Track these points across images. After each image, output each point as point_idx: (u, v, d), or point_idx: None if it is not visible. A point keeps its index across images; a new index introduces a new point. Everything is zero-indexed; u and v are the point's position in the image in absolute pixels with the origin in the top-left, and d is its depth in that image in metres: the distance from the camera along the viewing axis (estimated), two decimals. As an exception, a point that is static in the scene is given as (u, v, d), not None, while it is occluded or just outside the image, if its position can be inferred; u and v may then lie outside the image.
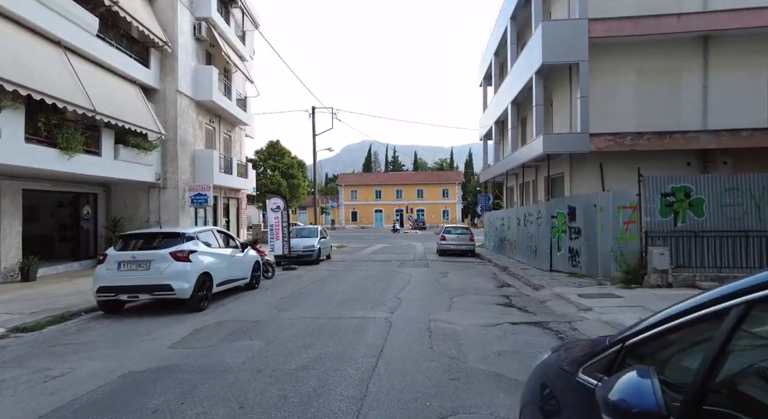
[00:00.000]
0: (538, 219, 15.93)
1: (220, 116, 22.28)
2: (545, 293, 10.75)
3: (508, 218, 20.89)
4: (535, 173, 20.81)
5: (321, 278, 14.07)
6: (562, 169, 16.98)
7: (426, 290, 11.31)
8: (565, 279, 12.70)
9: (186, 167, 18.35)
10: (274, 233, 16.99)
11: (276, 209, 17.00)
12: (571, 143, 15.04)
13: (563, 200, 14.41)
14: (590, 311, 8.34)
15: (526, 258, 17.54)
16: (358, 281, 13.04)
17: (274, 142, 34.38)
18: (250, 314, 8.56)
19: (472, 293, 11.03)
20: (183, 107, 18.10)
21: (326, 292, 11.13)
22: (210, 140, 21.35)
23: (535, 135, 16.32)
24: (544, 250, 15.39)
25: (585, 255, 13.23)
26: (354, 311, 8.53)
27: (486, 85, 30.14)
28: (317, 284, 12.56)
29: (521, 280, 13.37)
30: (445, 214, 75.28)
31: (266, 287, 12.15)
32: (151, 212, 17.54)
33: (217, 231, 10.61)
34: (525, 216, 17.77)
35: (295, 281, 13.33)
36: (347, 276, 14.36)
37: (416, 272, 15.34)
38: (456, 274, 15.03)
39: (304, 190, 35.41)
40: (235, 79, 24.58)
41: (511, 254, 20.22)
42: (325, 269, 16.64)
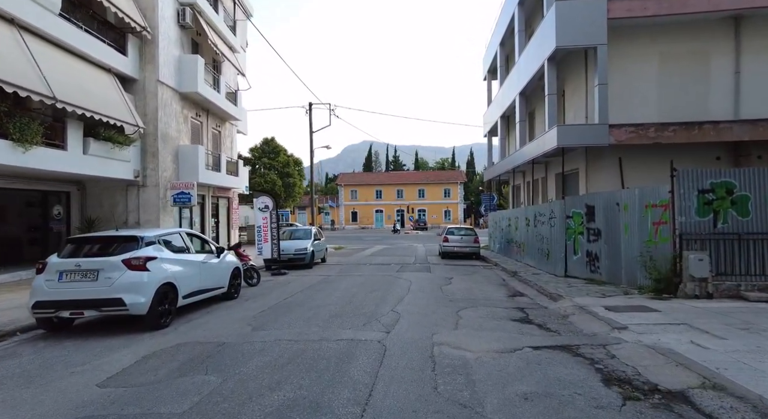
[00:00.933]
0: (551, 219, 14.52)
1: (208, 110, 20.92)
2: (565, 304, 9.34)
3: (516, 219, 19.48)
4: (545, 169, 19.39)
5: (311, 285, 12.68)
6: (577, 165, 15.57)
7: (428, 301, 9.91)
8: (585, 287, 11.29)
9: (168, 164, 16.98)
10: (261, 235, 15.60)
11: (264, 208, 15.61)
12: (588, 135, 13.63)
13: (580, 198, 13.01)
14: (625, 330, 6.93)
15: (537, 262, 16.12)
16: (351, 290, 11.64)
17: (269, 139, 32.99)
18: (219, 333, 7.17)
19: (481, 304, 9.62)
20: (165, 99, 16.73)
21: (314, 303, 9.73)
22: (196, 134, 19.98)
23: (548, 127, 14.90)
24: (557, 253, 13.98)
25: (606, 260, 11.82)
26: (342, 331, 7.13)
27: (491, 79, 28.75)
28: (305, 294, 11.16)
29: (534, 288, 11.96)
30: (447, 214, 73.85)
31: (247, 297, 10.76)
32: (130, 211, 16.17)
33: (187, 234, 9.22)
34: (535, 216, 16.35)
35: (281, 290, 11.94)
36: (340, 283, 12.96)
37: (417, 278, 13.94)
38: (461, 280, 13.63)
39: (301, 189, 33.99)
40: (225, 72, 23.23)
41: (519, 256, 18.81)
42: (317, 275, 15.24)
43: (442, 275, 14.98)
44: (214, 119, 21.87)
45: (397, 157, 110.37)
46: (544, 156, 16.64)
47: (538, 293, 11.32)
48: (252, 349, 6.20)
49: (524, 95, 19.21)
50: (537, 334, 6.99)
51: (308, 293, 11.28)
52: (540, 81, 18.12)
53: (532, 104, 20.65)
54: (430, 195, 74.83)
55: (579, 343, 6.39)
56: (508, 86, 21.51)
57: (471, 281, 13.37)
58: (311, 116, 33.45)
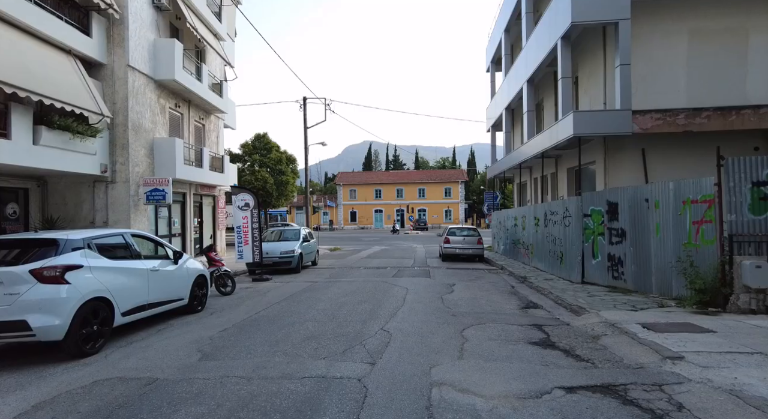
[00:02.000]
0: (565, 218, 12.91)
1: (189, 101, 19.33)
2: (591, 320, 7.74)
3: (523, 218, 17.87)
4: (555, 164, 17.78)
5: (293, 294, 11.08)
6: (593, 157, 13.96)
7: (426, 316, 8.31)
8: (608, 297, 9.69)
9: (141, 158, 15.40)
10: (241, 236, 14.00)
11: (244, 206, 14.01)
12: (608, 123, 12.02)
13: (600, 194, 11.41)
14: (682, 361, 5.33)
15: (548, 266, 14.52)
16: (338, 300, 10.04)
17: (261, 135, 31.40)
18: (156, 363, 5.58)
19: (489, 319, 8.02)
20: (137, 86, 15.15)
21: (289, 319, 8.13)
22: (176, 127, 18.40)
23: (561, 115, 13.29)
24: (573, 257, 12.38)
25: (632, 265, 10.22)
26: (313, 362, 5.53)
27: (494, 70, 27.13)
28: (283, 305, 9.57)
29: (550, 297, 10.36)
30: (448, 214, 72.24)
31: (214, 310, 9.17)
32: (97, 210, 14.59)
33: (133, 235, 7.62)
34: (546, 215, 14.74)
35: (256, 300, 10.34)
36: (327, 292, 11.37)
37: (415, 285, 12.34)
38: (465, 287, 12.03)
39: (294, 188, 32.36)
40: (210, 61, 21.66)
41: (527, 259, 17.21)
42: (304, 281, 13.65)
43: (443, 280, 13.38)
44: (197, 110, 20.28)
45: (397, 156, 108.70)
46: (555, 149, 15.03)
47: (555, 304, 9.71)
48: (187, 391, 4.60)
49: (532, 83, 17.60)
50: (566, 366, 5.39)
51: (287, 304, 9.68)
52: (549, 67, 16.53)
53: (540, 94, 19.05)
54: (431, 195, 73.20)
55: (626, 382, 4.79)
56: (514, 75, 19.91)
57: (476, 289, 11.76)
58: (306, 111, 31.99)
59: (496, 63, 26.39)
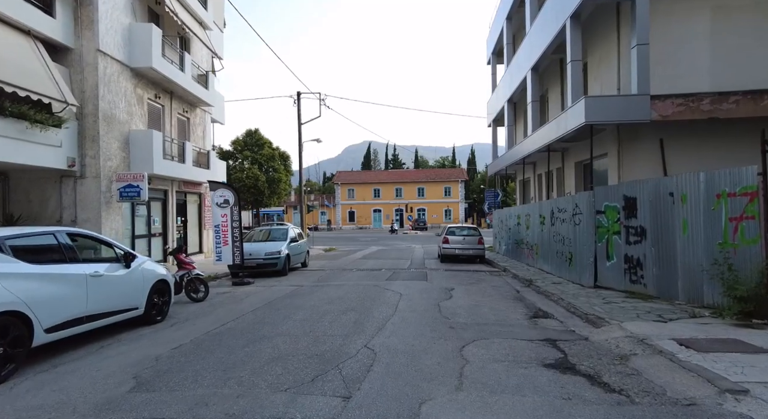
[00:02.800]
0: (575, 216, 11.72)
1: (171, 93, 18.14)
2: (614, 334, 6.55)
3: (527, 216, 16.68)
4: (561, 158, 16.59)
5: (272, 301, 9.89)
6: (604, 149, 12.77)
7: (420, 328, 7.12)
8: (628, 304, 8.50)
9: (115, 151, 14.21)
10: (220, 236, 12.82)
11: (223, 203, 12.82)
12: (624, 109, 10.82)
13: (616, 188, 10.21)
14: (747, 396, 4.14)
15: (555, 267, 13.34)
16: (320, 309, 8.85)
17: (253, 130, 30.21)
18: (69, 400, 4.38)
19: (494, 332, 6.83)
20: (110, 74, 13.96)
21: (258, 333, 6.94)
22: (156, 119, 17.20)
23: (571, 101, 12.09)
24: (584, 258, 11.20)
25: (653, 267, 9.03)
26: (269, 397, 4.33)
27: (495, 62, 25.95)
28: (257, 315, 8.38)
29: (561, 304, 9.16)
30: (448, 213, 71.08)
31: (177, 320, 7.99)
32: (65, 208, 13.40)
33: (71, 234, 6.43)
34: (553, 212, 13.55)
35: (229, 308, 9.15)
36: (311, 298, 10.18)
37: (410, 290, 11.15)
38: (464, 292, 10.84)
39: (287, 186, 31.16)
40: (196, 52, 20.47)
41: (531, 260, 16.02)
42: (288, 285, 12.46)
43: (440, 284, 12.19)
44: (181, 103, 19.09)
45: (396, 156, 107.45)
46: (562, 141, 13.85)
47: (568, 312, 8.52)
48: (89, 445, 3.42)
49: (537, 72, 16.41)
50: (594, 400, 4.20)
51: (262, 313, 8.49)
52: (555, 54, 15.35)
53: (545, 84, 17.86)
54: (430, 194, 72.04)
55: (679, 428, 3.60)
56: (517, 65, 18.73)
57: (477, 294, 10.57)
58: (299, 107, 30.85)
59: (497, 54, 25.22)
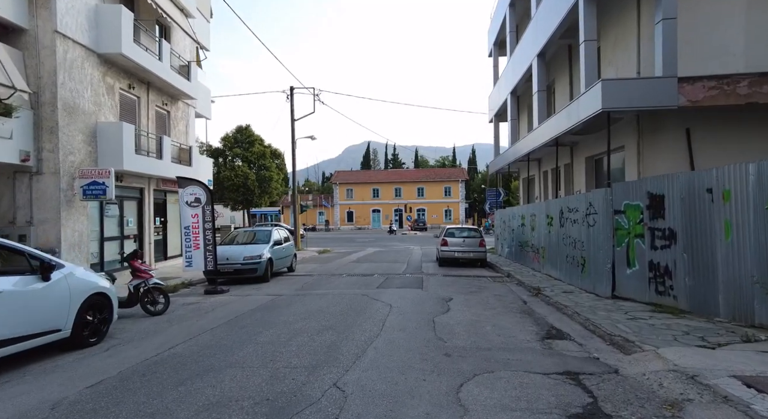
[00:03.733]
0: (589, 216, 10.37)
1: (149, 83, 16.80)
2: (652, 365, 5.19)
3: (532, 216, 15.33)
4: (570, 153, 15.24)
5: (239, 315, 8.53)
6: (621, 141, 11.41)
7: (408, 356, 5.76)
8: (657, 320, 7.14)
9: (78, 145, 12.87)
10: (191, 238, 11.46)
11: (194, 202, 11.46)
12: (646, 94, 9.46)
13: (638, 184, 8.84)
14: None
15: (565, 274, 11.98)
16: (293, 326, 7.50)
17: (244, 127, 28.87)
18: None
19: (499, 361, 5.47)
20: (72, 59, 12.63)
21: (206, 362, 5.59)
22: (130, 111, 15.86)
23: (585, 86, 10.73)
24: (599, 264, 9.85)
25: (686, 277, 7.66)
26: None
27: (497, 54, 24.58)
28: (214, 335, 7.02)
29: (576, 320, 7.80)
30: (448, 214, 69.72)
31: (116, 342, 6.63)
32: (19, 208, 12.06)
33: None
34: (562, 212, 12.20)
35: (187, 324, 7.80)
36: (285, 311, 8.82)
37: (402, 300, 9.80)
38: (464, 303, 9.47)
39: (278, 184, 29.81)
40: (178, 41, 19.15)
41: (537, 265, 14.66)
42: (266, 294, 11.11)
43: (437, 293, 10.83)
44: (159, 95, 17.74)
45: (396, 155, 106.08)
46: (571, 134, 12.51)
47: (586, 330, 7.16)
48: None
49: (543, 59, 15.05)
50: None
51: (221, 332, 7.14)
52: (563, 39, 14.00)
53: (552, 73, 16.50)
54: (430, 194, 70.69)
55: None
56: (521, 54, 17.37)
57: (478, 306, 9.20)
58: (292, 102, 29.69)
59: (499, 45, 23.86)
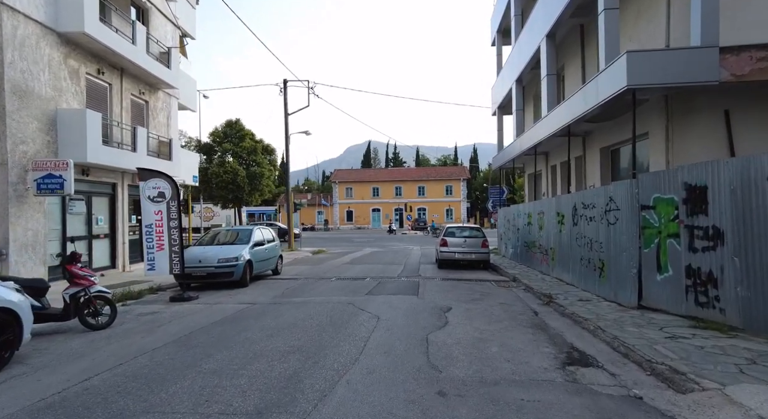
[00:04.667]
0: (609, 213, 8.95)
1: (122, 69, 15.42)
2: (727, 415, 3.77)
3: (540, 214, 13.91)
4: (582, 144, 13.81)
5: (195, 331, 7.13)
6: (645, 127, 9.97)
7: (390, 396, 4.35)
8: (704, 340, 5.74)
9: (32, 133, 11.51)
10: (153, 238, 10.09)
11: (157, 197, 10.08)
12: (681, 68, 8.03)
13: (672, 174, 7.41)
14: None
15: (579, 278, 10.57)
16: (253, 348, 6.09)
17: (234, 121, 27.48)
18: None
19: (511, 404, 4.07)
20: (24, 36, 11.26)
21: (118, 406, 4.20)
22: (99, 99, 14.49)
23: (605, 61, 9.28)
24: (622, 268, 8.44)
25: (738, 286, 6.23)
26: None
27: (501, 43, 23.14)
28: (153, 359, 5.62)
29: (600, 337, 6.38)
30: (449, 213, 68.27)
31: (21, 371, 5.24)
32: (-39, 204, 10.71)
33: None
34: (575, 209, 10.79)
35: (126, 343, 6.41)
36: (252, 325, 7.42)
37: (392, 310, 8.39)
38: (465, 315, 8.06)
39: (270, 181, 28.40)
40: (158, 26, 17.78)
41: (546, 267, 13.25)
42: (237, 302, 9.71)
43: (434, 301, 9.42)
44: (135, 82, 16.36)
45: (397, 154, 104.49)
46: (584, 122, 11.09)
47: (616, 352, 5.74)
48: None
49: (553, 39, 13.62)
50: None
51: (163, 355, 5.74)
52: (575, 17, 12.60)
53: (562, 57, 15.06)
54: (431, 192, 69.23)
55: None
56: (528, 36, 15.94)
57: (482, 318, 7.79)
58: (286, 95, 28.31)
59: (503, 33, 22.42)
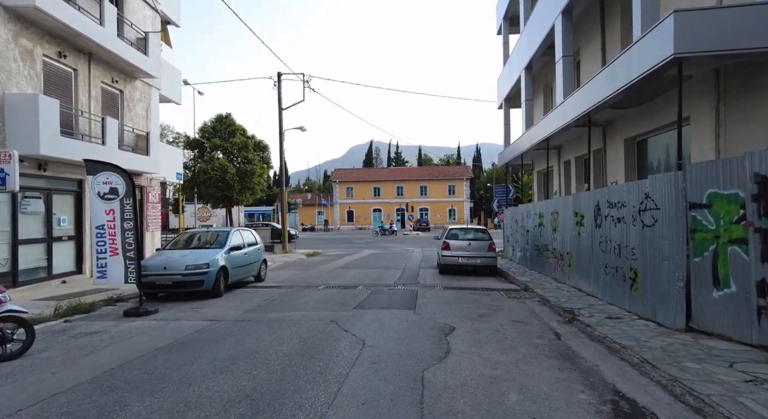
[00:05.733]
0: (644, 213, 7.40)
1: (90, 54, 13.94)
2: None
3: (553, 215, 12.37)
4: (602, 136, 12.25)
5: (129, 361, 5.60)
6: (685, 111, 8.37)
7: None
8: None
9: (-26, 122, 10.03)
10: (106, 242, 8.57)
11: (109, 194, 8.54)
12: (745, 30, 6.45)
13: (736, 162, 5.84)
14: None
15: (605, 289, 9.02)
16: (191, 392, 4.57)
17: (224, 116, 25.98)
18: None
19: None
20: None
21: None
22: (62, 86, 13.01)
23: (641, 28, 7.71)
24: (662, 279, 6.90)
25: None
26: None
27: (508, 31, 21.57)
28: (45, 410, 4.10)
29: (653, 378, 4.82)
30: (452, 213, 66.68)
31: None
32: None
33: None
34: (598, 208, 9.24)
35: (24, 384, 4.89)
36: (204, 355, 5.89)
37: (382, 332, 6.86)
38: (471, 340, 6.50)
39: (262, 179, 26.88)
40: (136, 10, 16.29)
41: (561, 274, 11.70)
42: (200, 319, 8.19)
43: (434, 318, 7.88)
44: (107, 69, 14.87)
45: (399, 153, 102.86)
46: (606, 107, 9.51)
47: (680, 402, 4.19)
48: None
49: (569, 17, 12.05)
50: None
51: (57, 407, 4.21)
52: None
53: (579, 37, 13.45)
54: (433, 192, 67.65)
55: None
56: (540, 16, 14.35)
57: (493, 344, 6.24)
58: (280, 89, 26.91)
59: (510, 20, 20.85)
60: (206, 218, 49.86)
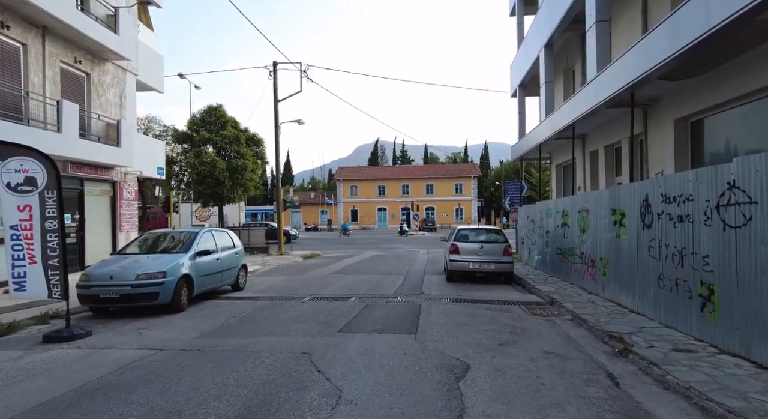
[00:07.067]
0: (724, 209, 5.46)
1: (44, 28, 12.14)
2: None
3: (581, 212, 10.38)
4: (643, 119, 10.22)
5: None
6: (757, 83, 6.37)
7: None
8: None
9: None
10: (22, 246, 6.74)
11: (24, 186, 6.69)
12: None
13: None
14: None
15: (656, 305, 7.08)
16: None
17: (214, 107, 24.18)
18: None
19: None
20: None
21: None
22: (8, 62, 11.21)
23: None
24: (755, 302, 4.92)
25: None
26: None
27: (522, 11, 19.55)
28: None
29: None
30: (459, 212, 64.58)
31: None
32: None
33: None
34: (648, 204, 7.29)
35: None
36: (108, 415, 3.99)
37: (368, 375, 4.94)
38: (495, 389, 4.55)
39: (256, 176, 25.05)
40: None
41: (592, 283, 9.74)
42: (139, 346, 6.32)
43: (439, 347, 5.95)
44: (68, 47, 13.08)
45: (405, 152, 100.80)
46: (653, 78, 7.53)
47: None
48: None
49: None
50: None
51: None
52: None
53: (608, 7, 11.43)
54: (440, 191, 65.58)
55: None
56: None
57: (525, 398, 4.29)
58: (276, 79, 25.13)
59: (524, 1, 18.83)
60: (206, 217, 48.04)
